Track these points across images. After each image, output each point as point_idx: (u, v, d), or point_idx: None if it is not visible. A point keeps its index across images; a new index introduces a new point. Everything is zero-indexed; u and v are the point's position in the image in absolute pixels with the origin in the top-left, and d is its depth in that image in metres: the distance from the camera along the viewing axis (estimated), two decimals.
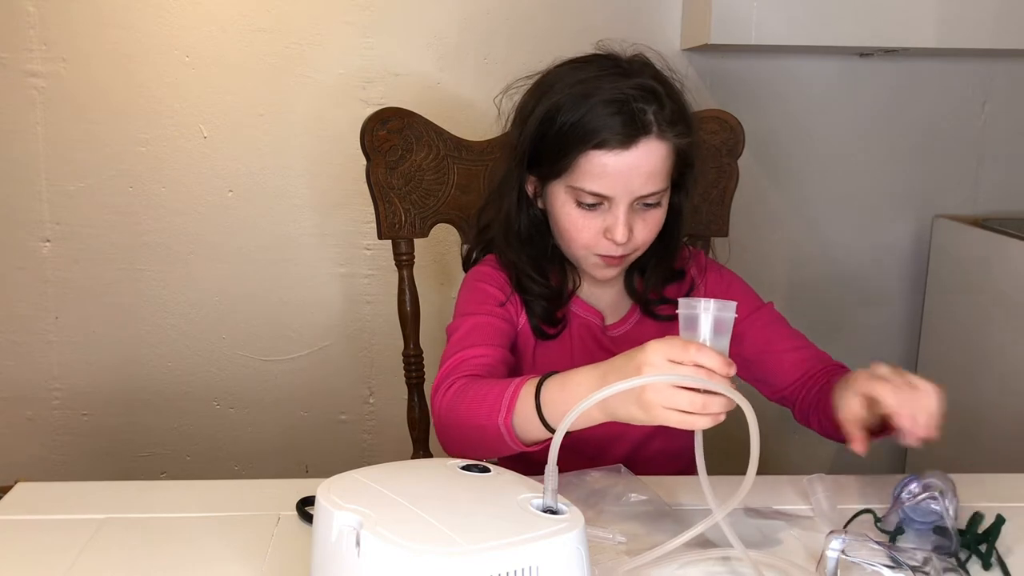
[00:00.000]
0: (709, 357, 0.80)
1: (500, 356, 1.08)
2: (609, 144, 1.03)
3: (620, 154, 1.03)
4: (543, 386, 0.92)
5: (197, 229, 1.97)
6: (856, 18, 1.76)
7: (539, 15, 1.94)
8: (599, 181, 1.05)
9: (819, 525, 0.94)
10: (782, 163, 2.05)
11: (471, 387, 0.99)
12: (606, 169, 1.04)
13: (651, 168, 1.05)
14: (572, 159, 1.05)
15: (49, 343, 1.99)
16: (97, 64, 1.89)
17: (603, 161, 1.04)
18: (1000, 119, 2.07)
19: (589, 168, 1.05)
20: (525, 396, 0.92)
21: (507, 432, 0.93)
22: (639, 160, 1.04)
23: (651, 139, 1.04)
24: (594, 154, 1.04)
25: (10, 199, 1.93)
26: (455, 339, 1.10)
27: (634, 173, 1.04)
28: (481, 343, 1.08)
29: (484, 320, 1.12)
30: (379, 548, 0.64)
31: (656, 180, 1.06)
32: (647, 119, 1.03)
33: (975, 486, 1.04)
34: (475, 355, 1.06)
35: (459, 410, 0.98)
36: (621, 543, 0.87)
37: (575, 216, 1.08)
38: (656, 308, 1.19)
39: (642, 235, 1.09)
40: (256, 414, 2.06)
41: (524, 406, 0.92)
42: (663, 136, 1.05)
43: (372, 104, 1.90)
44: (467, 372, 1.04)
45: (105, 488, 1.02)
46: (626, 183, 1.05)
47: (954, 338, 2.00)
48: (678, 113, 1.07)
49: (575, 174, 1.06)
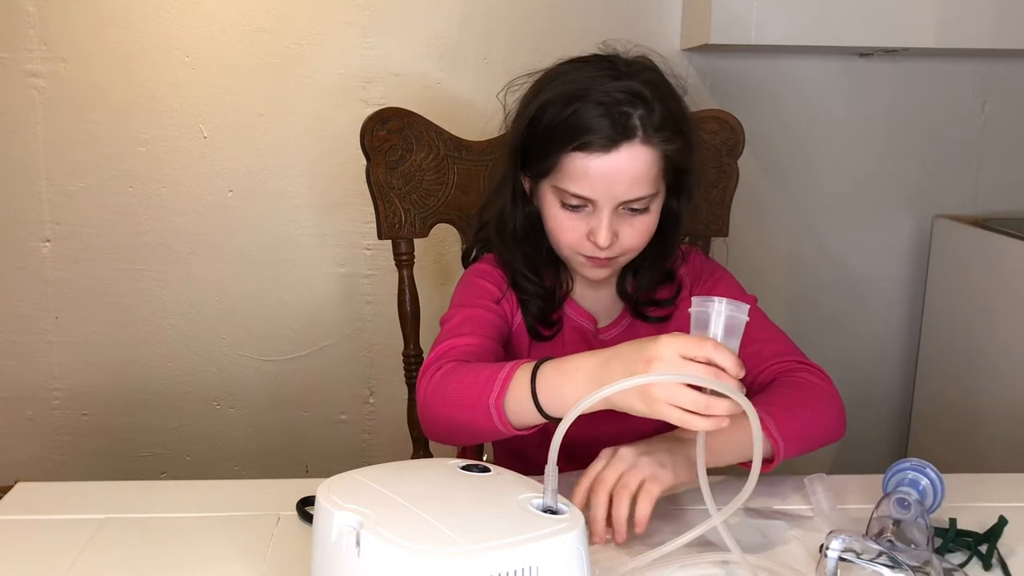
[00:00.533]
0: (723, 356, 0.80)
1: (490, 347, 1.08)
2: (591, 147, 1.02)
3: (602, 157, 1.03)
4: (539, 370, 0.91)
5: (197, 229, 1.97)
6: (856, 18, 1.76)
7: (539, 15, 1.94)
8: (581, 183, 1.04)
9: (819, 525, 0.93)
10: (782, 163, 2.05)
11: (460, 369, 0.99)
12: (588, 172, 1.03)
13: (635, 173, 1.03)
14: (556, 159, 1.05)
15: (49, 343, 1.99)
16: (97, 64, 1.89)
17: (585, 164, 1.03)
18: (1000, 119, 2.07)
19: (572, 169, 1.04)
20: (520, 378, 0.91)
21: (497, 414, 0.92)
22: (621, 165, 1.03)
23: (635, 144, 1.03)
24: (576, 156, 1.03)
25: (10, 199, 1.93)
26: (447, 328, 1.10)
27: (617, 178, 1.03)
28: (472, 333, 1.08)
29: (478, 313, 1.12)
30: (379, 548, 0.64)
31: (641, 186, 1.04)
32: (631, 124, 1.02)
33: (975, 486, 1.04)
34: (465, 343, 1.06)
35: (446, 391, 0.97)
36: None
37: (560, 217, 1.08)
38: (647, 311, 1.18)
39: (629, 240, 1.08)
40: (256, 414, 2.06)
41: (518, 388, 0.91)
42: (648, 142, 1.03)
43: (372, 104, 1.90)
44: (456, 357, 1.03)
45: (105, 488, 1.02)
46: (608, 187, 1.04)
47: (954, 338, 2.00)
48: (668, 119, 1.05)
49: (559, 174, 1.06)
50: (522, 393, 0.91)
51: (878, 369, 2.15)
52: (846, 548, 0.80)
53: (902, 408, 2.15)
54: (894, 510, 0.88)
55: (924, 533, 0.85)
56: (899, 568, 0.80)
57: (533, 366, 0.91)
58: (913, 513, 0.87)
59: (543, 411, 0.90)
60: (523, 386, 0.91)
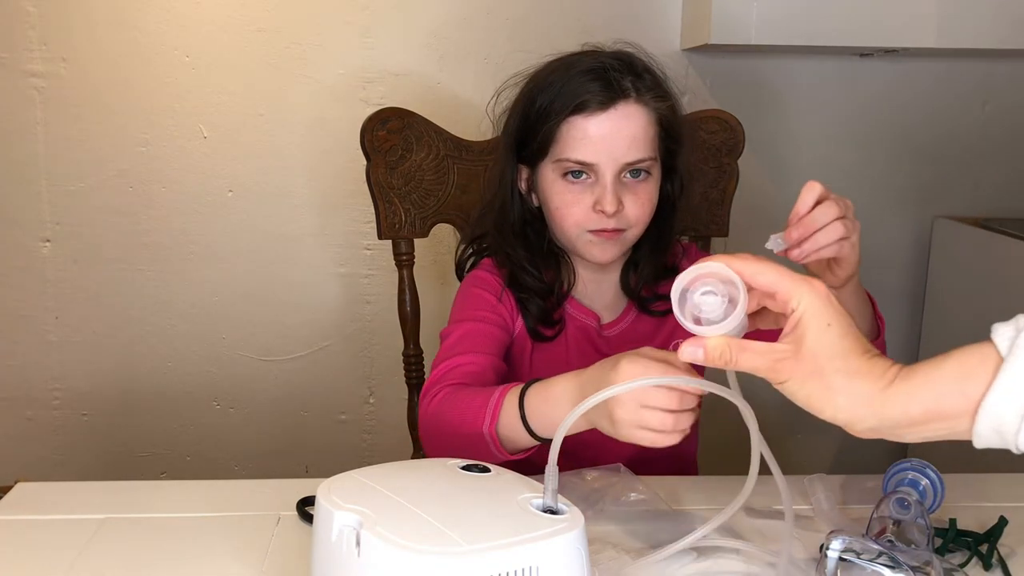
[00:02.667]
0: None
1: (490, 363, 1.08)
2: (588, 107, 1.05)
3: (599, 117, 1.05)
4: (526, 394, 0.92)
5: (197, 229, 1.97)
6: (856, 18, 1.76)
7: (539, 15, 1.94)
8: (582, 147, 1.06)
9: (819, 525, 0.93)
10: (782, 163, 2.05)
11: (457, 395, 0.99)
12: (587, 132, 1.06)
13: (633, 132, 1.06)
14: (554, 129, 1.07)
15: (49, 343, 1.99)
16: (97, 64, 1.89)
17: (584, 125, 1.06)
18: (1000, 119, 2.07)
19: (572, 134, 1.07)
20: (509, 404, 0.92)
21: (492, 440, 0.93)
22: (619, 123, 1.06)
23: (630, 102, 1.06)
24: (575, 119, 1.06)
25: (10, 199, 1.93)
26: (446, 345, 1.10)
27: (616, 136, 1.06)
28: (471, 350, 1.08)
29: (477, 327, 1.12)
30: (379, 548, 0.64)
31: (640, 146, 1.07)
32: (625, 84, 1.06)
33: (975, 486, 1.04)
34: (464, 362, 1.06)
35: (445, 418, 0.98)
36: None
37: (564, 192, 1.09)
38: (651, 305, 1.19)
39: (634, 210, 1.09)
40: (256, 414, 2.06)
41: (508, 414, 0.92)
42: (642, 100, 1.07)
43: (372, 104, 1.90)
44: (454, 380, 1.04)
45: (105, 488, 1.02)
46: (609, 148, 1.06)
47: (954, 338, 1.99)
48: (656, 84, 1.10)
49: (559, 145, 1.08)
50: (512, 419, 0.92)
51: None
52: (846, 548, 0.80)
53: None
54: (894, 510, 0.88)
55: (924, 533, 0.85)
56: (899, 568, 0.80)
57: (521, 390, 0.92)
58: (913, 513, 0.87)
59: (533, 433, 0.91)
60: (512, 411, 0.92)
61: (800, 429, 2.08)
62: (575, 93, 1.06)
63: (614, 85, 1.06)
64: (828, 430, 1.30)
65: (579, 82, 1.06)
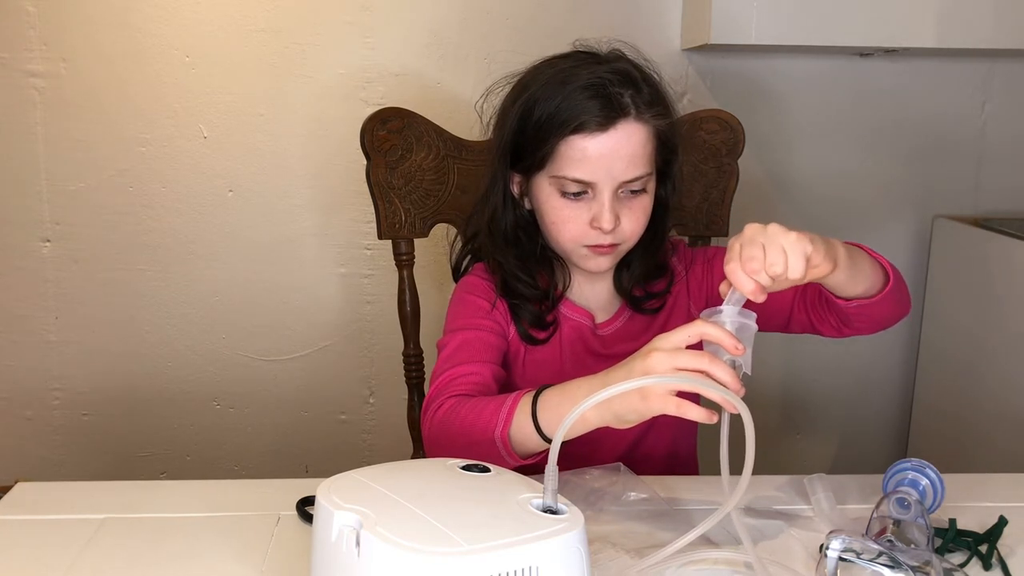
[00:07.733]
0: (720, 369, 0.80)
1: (491, 372, 1.08)
2: (588, 127, 1.04)
3: (599, 137, 1.04)
4: (540, 396, 0.92)
5: (197, 229, 1.97)
6: (856, 18, 1.76)
7: (539, 15, 1.94)
8: (580, 166, 1.05)
9: (819, 525, 0.93)
10: (782, 163, 2.05)
11: (464, 404, 0.99)
12: (586, 153, 1.04)
13: (632, 151, 1.05)
14: (552, 147, 1.06)
15: (49, 343, 1.99)
16: (97, 64, 1.89)
17: (583, 145, 1.04)
18: (1000, 119, 2.07)
19: (570, 154, 1.05)
20: (522, 407, 0.93)
21: (503, 445, 0.93)
22: (619, 143, 1.04)
23: (629, 121, 1.05)
24: (574, 139, 1.04)
25: (10, 199, 1.93)
26: (444, 355, 1.10)
27: (615, 156, 1.04)
28: (470, 359, 1.08)
29: (474, 335, 1.11)
30: (379, 548, 0.64)
31: (638, 164, 1.06)
32: (624, 101, 1.04)
33: (975, 486, 1.04)
34: (465, 372, 1.06)
35: (453, 427, 0.98)
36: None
37: (560, 208, 1.08)
38: (643, 303, 1.19)
39: (630, 225, 1.09)
40: (256, 414, 2.06)
41: (520, 417, 0.92)
42: (641, 118, 1.05)
43: (372, 104, 1.90)
44: (457, 391, 1.03)
45: (105, 488, 1.02)
46: (608, 167, 1.05)
47: (954, 338, 2.00)
48: (656, 97, 1.08)
49: (557, 162, 1.06)
50: (524, 421, 0.92)
51: (878, 369, 2.14)
52: (846, 548, 0.80)
53: (902, 408, 2.15)
54: (894, 510, 0.88)
55: (924, 533, 0.86)
56: (899, 568, 0.80)
57: (534, 394, 0.93)
58: (913, 513, 0.87)
59: (543, 434, 0.91)
60: (524, 414, 0.92)
61: (800, 429, 2.09)
62: (574, 112, 1.04)
63: (614, 103, 1.04)
64: (828, 430, 1.29)
65: (578, 99, 1.04)
